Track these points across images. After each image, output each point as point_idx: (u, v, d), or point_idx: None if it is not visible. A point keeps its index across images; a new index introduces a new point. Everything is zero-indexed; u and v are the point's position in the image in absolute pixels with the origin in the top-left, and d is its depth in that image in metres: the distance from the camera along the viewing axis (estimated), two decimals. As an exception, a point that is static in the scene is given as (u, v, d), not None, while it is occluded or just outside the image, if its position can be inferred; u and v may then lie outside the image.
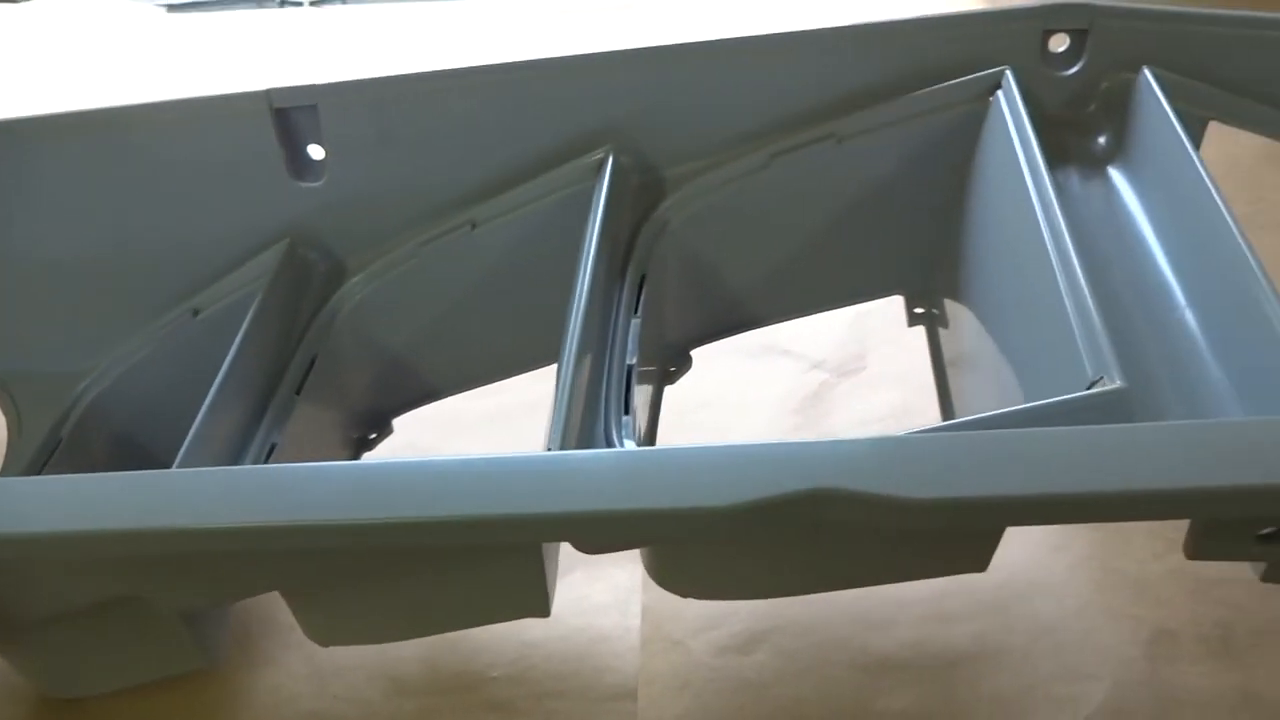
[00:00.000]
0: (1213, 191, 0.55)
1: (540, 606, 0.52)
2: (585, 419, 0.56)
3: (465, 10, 1.64)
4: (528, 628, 0.78)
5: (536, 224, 0.70)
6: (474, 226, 0.72)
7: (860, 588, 0.55)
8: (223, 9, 1.70)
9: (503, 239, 0.72)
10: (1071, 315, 0.49)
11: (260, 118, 0.70)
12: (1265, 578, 0.52)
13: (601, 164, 0.68)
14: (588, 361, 0.57)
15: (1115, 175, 0.65)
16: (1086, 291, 0.49)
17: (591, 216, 0.64)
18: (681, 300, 0.72)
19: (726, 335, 0.77)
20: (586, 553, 0.47)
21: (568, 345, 0.56)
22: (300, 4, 1.69)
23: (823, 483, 0.38)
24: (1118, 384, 0.45)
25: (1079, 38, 0.67)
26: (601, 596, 0.78)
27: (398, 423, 0.79)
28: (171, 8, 1.70)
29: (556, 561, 0.55)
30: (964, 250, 0.66)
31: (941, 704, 0.67)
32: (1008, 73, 0.64)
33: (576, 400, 0.54)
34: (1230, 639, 0.68)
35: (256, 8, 1.70)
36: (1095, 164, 0.66)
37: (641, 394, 0.70)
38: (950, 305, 0.69)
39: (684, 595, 0.56)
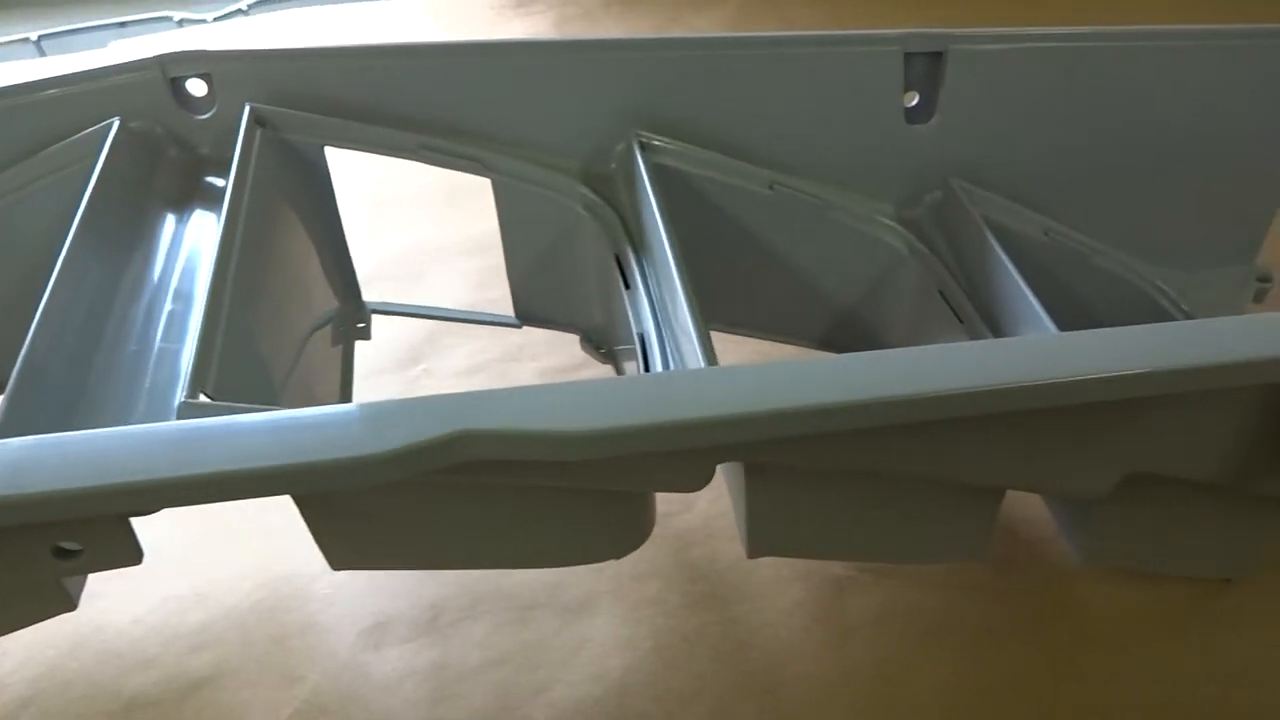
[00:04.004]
0: (237, 222, 0.59)
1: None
2: None
3: None
4: None
5: None
6: None
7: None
8: None
9: None
10: (19, 357, 0.52)
11: None
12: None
13: None
14: None
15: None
16: (30, 337, 0.52)
17: None
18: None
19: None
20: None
21: None
22: None
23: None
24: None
25: (211, 82, 0.71)
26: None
27: None
28: None
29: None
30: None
31: (171, 733, 0.69)
32: (115, 124, 0.67)
33: None
34: (439, 618, 0.73)
35: None
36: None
37: None
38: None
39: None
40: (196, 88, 0.71)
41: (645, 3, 1.67)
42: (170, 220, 0.67)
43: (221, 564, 0.78)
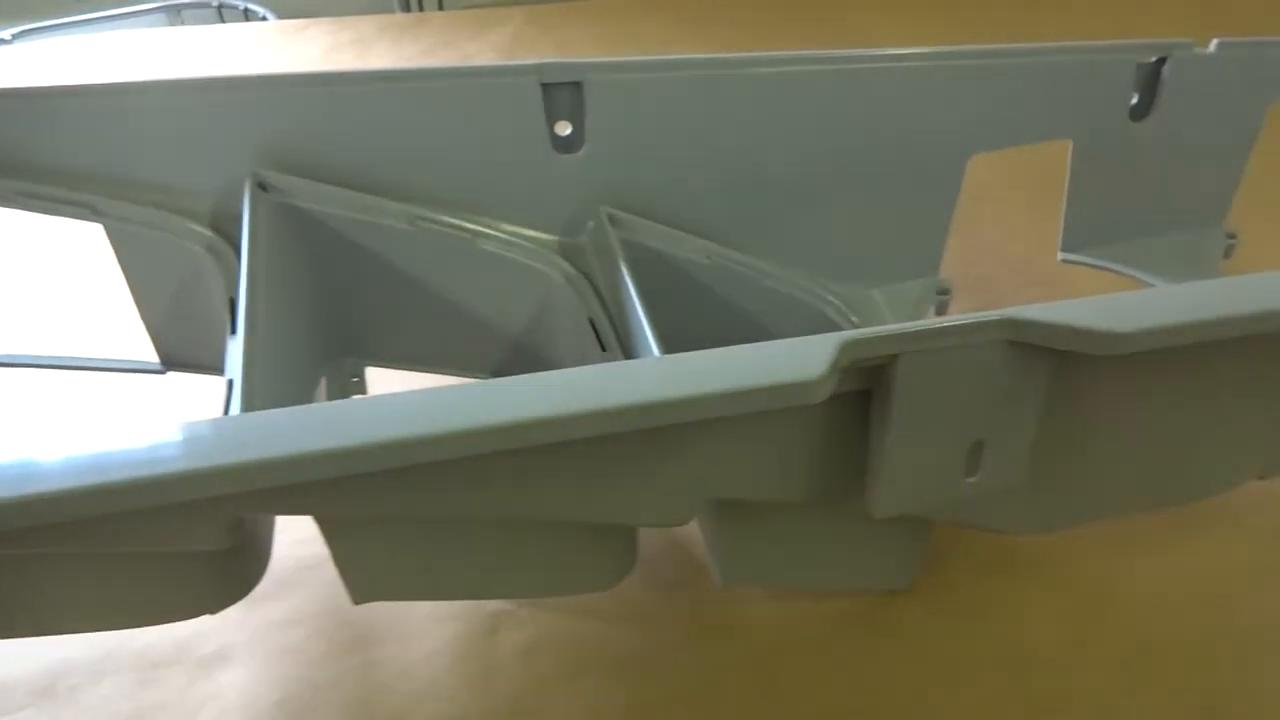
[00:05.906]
0: None
1: None
2: None
3: None
4: None
5: None
6: None
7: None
8: None
9: None
10: None
11: None
12: None
13: None
14: None
15: None
16: None
17: None
18: None
19: None
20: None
21: None
22: None
23: None
24: None
25: None
26: None
27: None
28: None
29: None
30: None
31: None
32: None
33: None
34: (59, 682, 0.70)
35: None
36: None
37: None
38: None
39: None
40: None
41: (420, 28, 1.66)
42: None
43: None
